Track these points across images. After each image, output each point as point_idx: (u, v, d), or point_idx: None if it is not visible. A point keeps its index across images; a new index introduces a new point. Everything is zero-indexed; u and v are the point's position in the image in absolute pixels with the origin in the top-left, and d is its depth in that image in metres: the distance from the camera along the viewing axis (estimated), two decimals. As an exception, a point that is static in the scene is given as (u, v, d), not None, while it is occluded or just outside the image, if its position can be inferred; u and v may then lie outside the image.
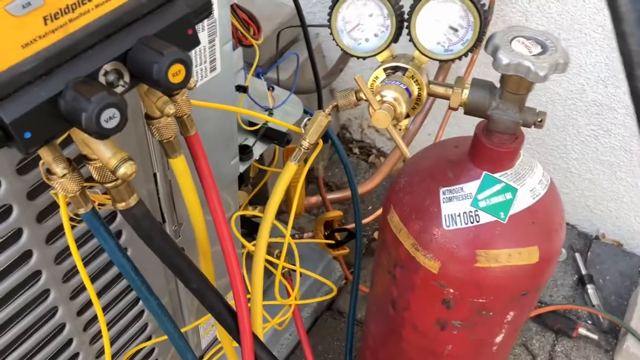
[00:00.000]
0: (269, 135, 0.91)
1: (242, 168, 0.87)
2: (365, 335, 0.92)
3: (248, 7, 1.45)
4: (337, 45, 0.61)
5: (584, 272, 1.37)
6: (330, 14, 0.58)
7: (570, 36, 1.22)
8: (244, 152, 0.88)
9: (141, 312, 0.78)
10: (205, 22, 0.65)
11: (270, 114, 0.90)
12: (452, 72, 1.33)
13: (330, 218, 1.15)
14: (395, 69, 0.59)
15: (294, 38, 1.47)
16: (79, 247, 0.62)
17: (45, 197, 0.55)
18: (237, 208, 0.92)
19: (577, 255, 1.41)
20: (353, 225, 1.20)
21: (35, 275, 0.59)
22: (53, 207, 0.57)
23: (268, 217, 0.69)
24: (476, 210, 0.63)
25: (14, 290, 0.58)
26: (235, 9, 0.91)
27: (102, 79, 0.42)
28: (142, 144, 0.65)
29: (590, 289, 1.33)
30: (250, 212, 0.95)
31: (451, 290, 0.67)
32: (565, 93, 1.29)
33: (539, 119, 0.59)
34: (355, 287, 1.07)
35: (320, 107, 1.19)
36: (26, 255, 0.57)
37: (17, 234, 0.55)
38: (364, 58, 0.61)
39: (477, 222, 0.63)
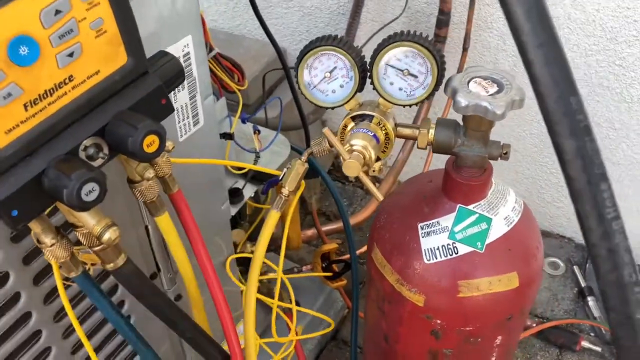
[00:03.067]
0: (258, 177, 0.95)
1: (233, 211, 0.90)
2: (365, 365, 0.94)
3: (236, 47, 1.51)
4: (306, 98, 0.64)
5: (583, 284, 1.38)
6: (296, 70, 0.61)
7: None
8: (235, 195, 0.92)
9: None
10: (185, 82, 0.69)
11: (258, 157, 0.94)
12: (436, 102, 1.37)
13: (326, 251, 1.18)
14: (363, 116, 0.62)
15: (282, 76, 1.51)
16: (77, 301, 0.65)
17: (40, 260, 0.58)
18: (231, 251, 0.95)
19: (576, 268, 1.42)
20: (349, 255, 1.22)
21: (36, 334, 0.62)
22: (48, 269, 0.60)
23: (256, 262, 0.71)
24: (454, 243, 0.66)
25: (16, 351, 0.60)
26: (218, 58, 0.95)
27: (82, 154, 0.45)
28: (131, 199, 0.68)
29: (590, 301, 1.34)
30: (241, 254, 0.97)
31: (438, 321, 0.69)
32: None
33: (504, 152, 0.62)
34: (355, 316, 1.09)
35: (307, 143, 1.22)
36: (25, 316, 0.60)
37: (15, 297, 0.58)
38: (333, 108, 0.64)
39: (456, 253, 0.66)
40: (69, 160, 0.44)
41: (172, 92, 0.65)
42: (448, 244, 0.66)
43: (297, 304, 1.04)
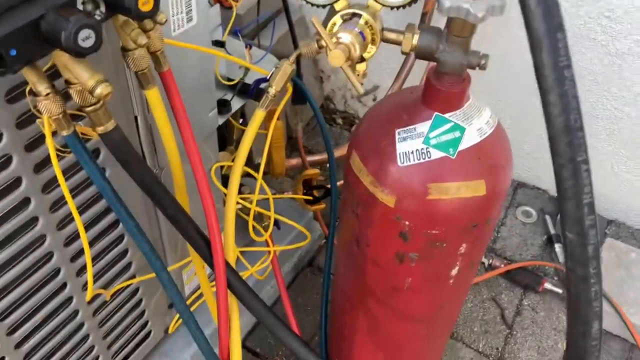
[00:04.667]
0: (246, 90, 0.97)
1: (220, 121, 0.93)
2: (336, 276, 0.98)
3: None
4: (299, -8, 0.66)
5: (552, 232, 1.44)
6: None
7: None
8: (223, 106, 0.94)
9: (125, 251, 0.84)
10: (181, -27, 0.71)
11: (246, 73, 0.96)
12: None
13: (309, 176, 1.22)
14: (352, 15, 0.65)
15: (279, 9, 1.52)
16: (66, 179, 0.68)
17: (33, 127, 0.61)
18: (217, 160, 0.98)
19: (547, 217, 1.48)
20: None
21: (25, 202, 0.65)
22: (41, 139, 0.62)
23: (239, 161, 0.74)
24: (427, 148, 0.69)
25: (3, 217, 0.63)
26: (216, -29, 0.96)
27: (80, 6, 0.48)
28: (124, 93, 0.71)
29: (557, 247, 1.40)
30: (228, 162, 1.00)
31: (407, 223, 0.73)
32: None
33: (482, 61, 0.65)
34: (331, 239, 1.13)
35: (298, 73, 1.24)
36: (17, 182, 0.63)
37: (7, 161, 0.60)
38: (323, 6, 0.66)
39: (429, 157, 0.69)
40: (67, 7, 0.46)
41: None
42: (422, 149, 0.69)
43: (275, 223, 1.08)
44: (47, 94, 0.50)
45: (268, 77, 0.73)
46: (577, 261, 0.37)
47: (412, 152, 0.70)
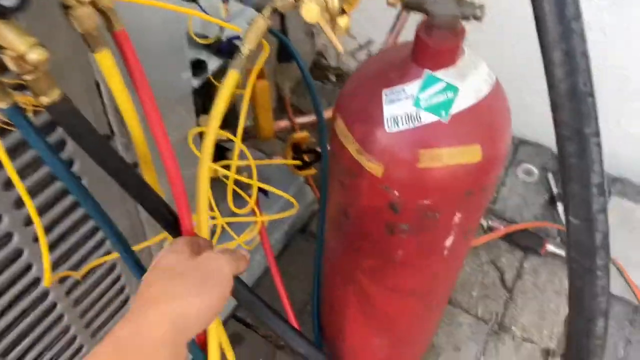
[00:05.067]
0: (223, 50, 0.90)
1: (195, 82, 0.86)
2: (326, 249, 0.93)
3: None
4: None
5: (555, 191, 1.38)
6: None
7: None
8: (199, 67, 0.87)
9: (96, 228, 0.79)
10: None
11: (224, 29, 0.88)
12: None
13: (297, 140, 1.15)
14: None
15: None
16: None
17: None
18: (194, 124, 0.91)
19: (550, 174, 1.42)
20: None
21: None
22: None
23: (212, 125, 0.68)
24: (418, 111, 0.63)
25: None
26: None
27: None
28: (82, 55, 0.64)
29: (560, 206, 1.34)
30: (202, 128, 0.93)
31: (396, 193, 0.67)
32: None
33: (477, 12, 0.58)
34: (323, 204, 1.08)
35: (283, 28, 1.16)
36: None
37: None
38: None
39: (419, 122, 0.63)
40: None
41: None
42: (411, 112, 0.63)
43: (263, 190, 1.03)
44: (-26, 63, 0.43)
45: (240, 35, 0.66)
46: (582, 251, 0.31)
47: (401, 117, 0.63)
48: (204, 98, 1.09)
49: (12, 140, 0.60)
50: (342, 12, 0.59)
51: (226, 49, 0.87)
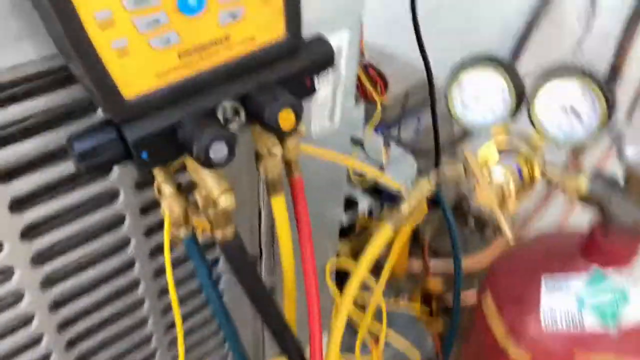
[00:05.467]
0: (376, 192, 0.92)
1: (344, 219, 0.88)
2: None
3: (387, 65, 1.50)
4: (449, 113, 0.60)
5: None
6: (449, 82, 0.58)
7: None
8: (349, 205, 0.90)
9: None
10: (331, 75, 0.68)
11: (382, 169, 0.91)
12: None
13: (429, 290, 1.12)
14: (510, 147, 0.57)
15: (424, 101, 1.48)
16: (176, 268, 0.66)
17: (156, 214, 0.60)
18: (334, 253, 0.92)
19: None
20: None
21: (135, 285, 0.64)
22: (160, 226, 0.61)
23: (358, 273, 0.68)
24: (581, 312, 0.58)
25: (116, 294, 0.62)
26: (366, 66, 0.94)
27: (220, 115, 0.45)
28: (253, 183, 0.68)
29: None
30: (344, 261, 0.94)
31: (540, 390, 0.61)
32: None
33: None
34: (443, 365, 1.01)
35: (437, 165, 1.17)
36: (130, 264, 0.62)
37: (126, 242, 0.59)
38: (477, 132, 0.59)
39: (581, 327, 0.58)
40: (206, 117, 0.44)
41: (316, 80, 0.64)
42: (573, 312, 0.58)
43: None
44: (171, 196, 0.48)
45: (398, 192, 0.67)
46: None
47: (560, 314, 0.59)
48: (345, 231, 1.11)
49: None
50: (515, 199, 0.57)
51: (381, 192, 0.89)
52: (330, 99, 0.71)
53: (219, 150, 0.42)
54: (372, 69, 0.95)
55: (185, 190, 0.50)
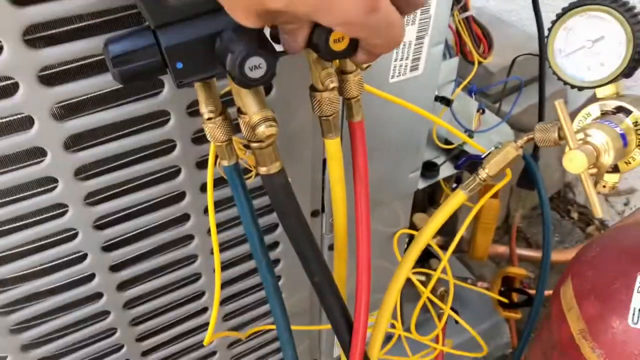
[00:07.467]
0: (462, 162, 0.83)
1: (421, 185, 0.81)
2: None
3: (497, 31, 1.38)
4: (549, 66, 0.51)
5: None
6: (550, 28, 0.49)
7: None
8: (430, 169, 0.82)
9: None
10: (418, 16, 0.61)
11: (471, 136, 0.82)
12: None
13: (512, 274, 1.02)
14: (617, 109, 0.47)
15: (535, 76, 1.34)
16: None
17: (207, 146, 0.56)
18: (406, 225, 0.86)
19: None
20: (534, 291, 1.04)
21: (184, 218, 0.62)
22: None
23: (422, 237, 0.61)
24: (681, 316, 0.48)
25: (162, 226, 0.61)
26: (470, 21, 0.85)
27: (266, 31, 0.40)
28: (317, 133, 0.63)
29: None
30: (413, 231, 0.87)
31: (615, 403, 0.52)
32: None
33: None
34: (517, 359, 0.92)
35: (535, 153, 1.05)
36: (181, 195, 0.59)
37: (175, 173, 0.57)
38: (580, 89, 0.50)
39: (678, 330, 0.48)
40: (249, 31, 0.39)
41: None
42: (671, 315, 0.48)
43: (456, 313, 0.92)
44: (209, 118, 0.44)
45: (483, 156, 0.59)
46: None
47: (654, 314, 0.49)
48: (425, 198, 1.03)
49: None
50: (615, 168, 0.48)
51: (465, 162, 0.81)
52: (414, 45, 0.63)
53: (255, 67, 0.37)
54: (475, 26, 0.85)
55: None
